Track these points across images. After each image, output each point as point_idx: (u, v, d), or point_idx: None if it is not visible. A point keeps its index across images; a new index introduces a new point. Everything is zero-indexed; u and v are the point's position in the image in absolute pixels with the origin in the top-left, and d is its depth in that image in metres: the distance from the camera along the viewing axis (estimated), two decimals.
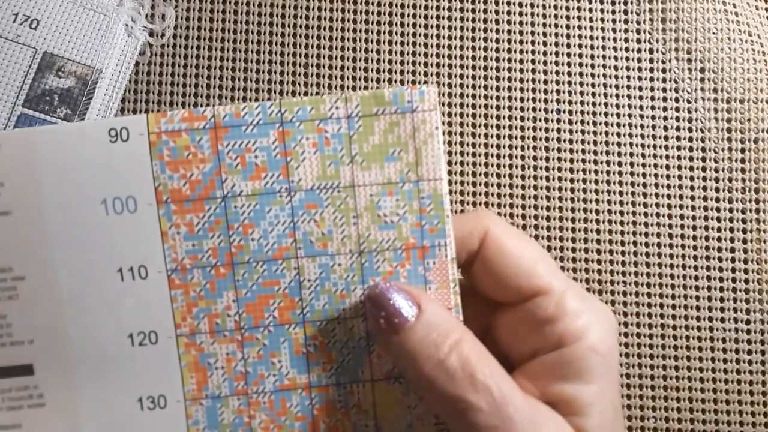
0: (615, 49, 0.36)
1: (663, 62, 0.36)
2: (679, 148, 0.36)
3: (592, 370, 0.24)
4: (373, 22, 0.36)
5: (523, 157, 0.36)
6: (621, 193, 0.36)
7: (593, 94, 0.36)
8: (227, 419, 0.26)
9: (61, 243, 0.25)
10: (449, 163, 0.36)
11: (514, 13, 0.37)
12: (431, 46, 0.36)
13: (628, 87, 0.36)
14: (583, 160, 0.36)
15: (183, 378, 0.26)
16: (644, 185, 0.36)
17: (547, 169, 0.36)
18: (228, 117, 0.25)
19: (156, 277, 0.26)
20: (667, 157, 0.36)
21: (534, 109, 0.36)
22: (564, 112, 0.36)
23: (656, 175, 0.36)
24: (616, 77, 0.36)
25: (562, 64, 0.36)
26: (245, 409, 0.26)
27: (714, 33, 0.36)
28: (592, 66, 0.36)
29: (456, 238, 0.26)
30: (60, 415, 0.26)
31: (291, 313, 0.26)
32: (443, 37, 0.36)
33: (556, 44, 0.36)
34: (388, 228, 0.26)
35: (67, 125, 0.25)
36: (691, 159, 0.36)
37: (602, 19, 0.37)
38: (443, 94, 0.36)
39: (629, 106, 0.36)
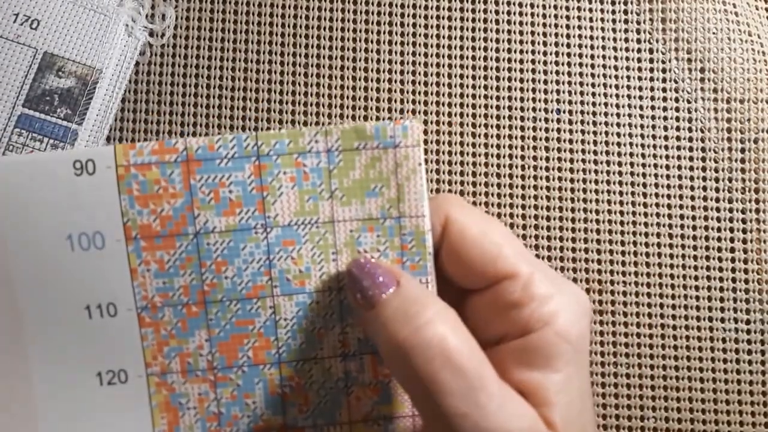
0: (615, 49, 0.36)
1: (663, 62, 0.36)
2: (679, 148, 0.36)
3: (559, 356, 0.23)
4: (373, 22, 0.36)
5: (523, 157, 0.36)
6: (621, 193, 0.36)
7: (593, 94, 0.36)
8: None
9: (25, 278, 0.24)
10: (449, 162, 0.36)
11: (514, 13, 0.37)
12: (431, 46, 0.36)
13: (628, 87, 0.36)
14: (583, 160, 0.36)
15: (153, 418, 0.25)
16: (644, 185, 0.36)
17: (547, 169, 0.36)
18: (201, 150, 0.24)
19: (125, 314, 0.25)
20: (667, 157, 0.36)
21: (534, 109, 0.36)
22: (564, 112, 0.36)
23: (656, 175, 0.36)
24: (616, 77, 0.36)
25: (562, 64, 0.36)
26: None
27: (714, 33, 0.36)
28: (592, 66, 0.36)
29: None
30: None
31: (266, 353, 0.25)
32: (443, 37, 0.36)
33: (556, 44, 0.36)
34: None
35: (28, 156, 0.24)
36: (691, 159, 0.36)
37: (602, 19, 0.37)
38: (443, 94, 0.36)
39: (629, 106, 0.36)
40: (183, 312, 0.25)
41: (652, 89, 0.36)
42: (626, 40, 0.36)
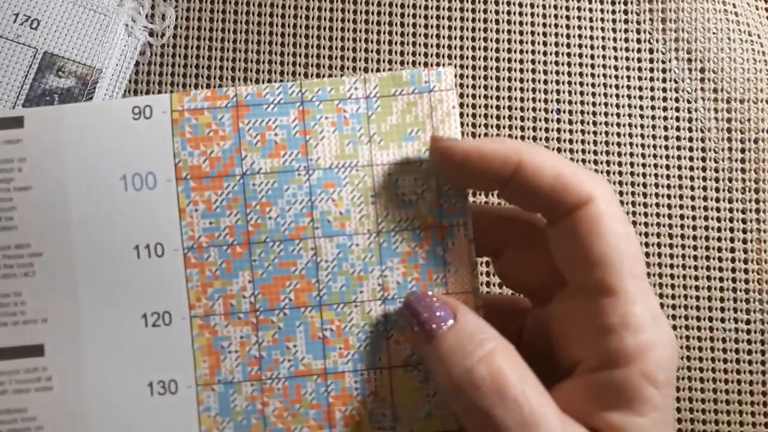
0: (615, 49, 0.36)
1: (663, 62, 0.36)
2: (679, 148, 0.36)
3: (644, 401, 0.21)
4: (373, 22, 0.36)
5: None
6: (621, 193, 0.36)
7: (593, 94, 0.36)
8: (240, 406, 0.25)
9: (80, 219, 0.25)
10: None
11: (514, 13, 0.37)
12: (431, 46, 0.36)
13: (628, 87, 0.36)
14: (583, 160, 0.36)
15: (195, 362, 0.25)
16: (644, 185, 0.36)
17: None
18: (250, 96, 0.26)
19: (172, 255, 0.25)
20: (667, 157, 0.36)
21: (534, 109, 0.36)
22: (564, 112, 0.36)
23: (656, 175, 0.36)
24: (616, 77, 0.36)
25: (562, 64, 0.36)
26: (258, 395, 0.25)
27: (714, 33, 0.36)
28: (592, 66, 0.36)
29: (548, 184, 0.23)
30: (68, 400, 0.25)
31: (307, 295, 0.25)
32: (443, 38, 0.36)
33: (556, 44, 0.36)
34: (406, 207, 0.26)
35: (91, 103, 0.26)
36: (691, 159, 0.36)
37: (602, 19, 0.37)
38: None
39: (629, 106, 0.36)
40: (228, 252, 0.25)
41: (652, 89, 0.36)
42: (626, 40, 0.36)
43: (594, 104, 0.36)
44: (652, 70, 0.36)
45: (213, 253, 0.25)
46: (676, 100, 0.36)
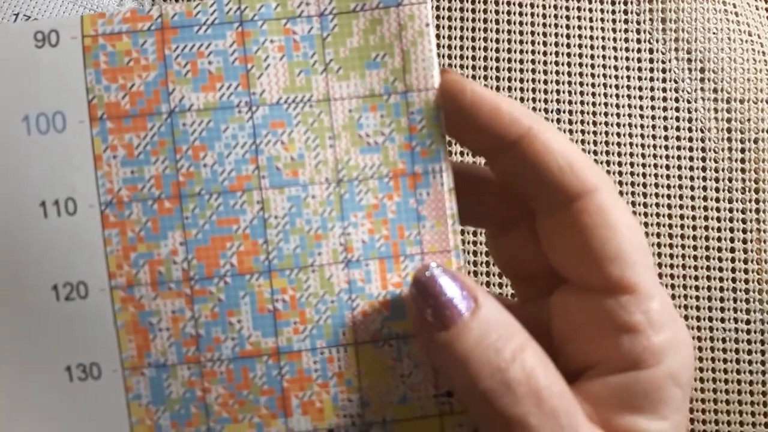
0: (615, 49, 0.36)
1: (663, 62, 0.36)
2: (679, 148, 0.36)
3: (669, 403, 0.20)
4: None
5: None
6: (621, 193, 0.36)
7: (593, 94, 0.36)
8: (176, 393, 0.21)
9: None
10: None
11: (514, 13, 0.37)
12: None
13: (628, 87, 0.36)
14: None
15: (120, 341, 0.21)
16: (644, 185, 0.36)
17: None
18: (178, 16, 0.21)
19: (86, 212, 0.21)
20: (667, 157, 0.36)
21: (534, 109, 0.36)
22: (564, 112, 0.36)
23: (656, 175, 0.36)
24: (616, 77, 0.36)
25: (562, 64, 0.36)
26: (198, 380, 0.21)
27: (714, 33, 0.36)
28: (592, 66, 0.36)
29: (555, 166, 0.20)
30: None
31: (253, 259, 0.21)
32: (443, 37, 0.36)
33: (556, 44, 0.36)
34: (371, 151, 0.21)
35: None
36: (691, 159, 0.36)
37: (602, 19, 0.37)
38: None
39: (629, 106, 0.36)
40: (154, 208, 0.21)
41: (652, 89, 0.36)
42: (626, 40, 0.36)
43: (594, 104, 0.36)
44: (652, 70, 0.36)
45: (136, 210, 0.21)
46: (676, 100, 0.36)
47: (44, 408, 0.21)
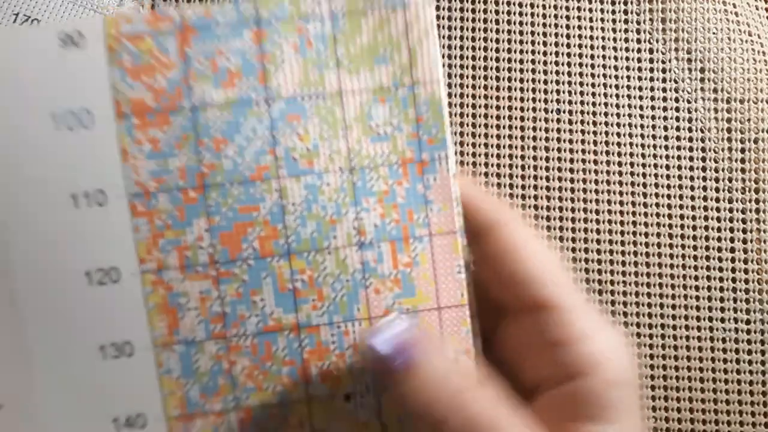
0: (615, 49, 0.36)
1: (663, 62, 0.36)
2: (679, 148, 0.36)
3: (612, 406, 0.21)
4: None
5: (523, 157, 0.36)
6: (621, 193, 0.36)
7: (593, 94, 0.36)
8: (204, 366, 0.23)
9: (5, 165, 0.22)
10: None
11: (514, 13, 0.37)
12: None
13: (628, 87, 0.36)
14: (583, 160, 0.36)
15: (151, 321, 0.23)
16: (644, 185, 0.36)
17: (547, 169, 0.36)
18: (197, 17, 0.22)
19: (115, 203, 0.22)
20: (667, 157, 0.36)
21: (534, 109, 0.36)
22: (564, 112, 0.36)
23: (656, 175, 0.36)
24: (616, 77, 0.36)
25: (562, 64, 0.36)
26: (224, 354, 0.23)
27: (714, 33, 0.36)
28: (592, 66, 0.36)
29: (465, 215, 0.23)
30: (11, 365, 0.22)
31: (273, 243, 0.23)
32: (443, 37, 0.36)
33: (556, 44, 0.36)
34: (381, 140, 0.23)
35: (9, 27, 0.22)
36: (691, 159, 0.36)
37: (602, 19, 0.37)
38: None
39: (629, 106, 0.36)
40: (179, 197, 0.23)
41: (652, 89, 0.36)
42: (626, 40, 0.36)
43: (594, 104, 0.36)
44: (652, 70, 0.36)
45: (163, 199, 0.23)
46: (676, 100, 0.36)
47: (80, 385, 0.23)
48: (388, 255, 0.23)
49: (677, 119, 0.36)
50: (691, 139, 0.36)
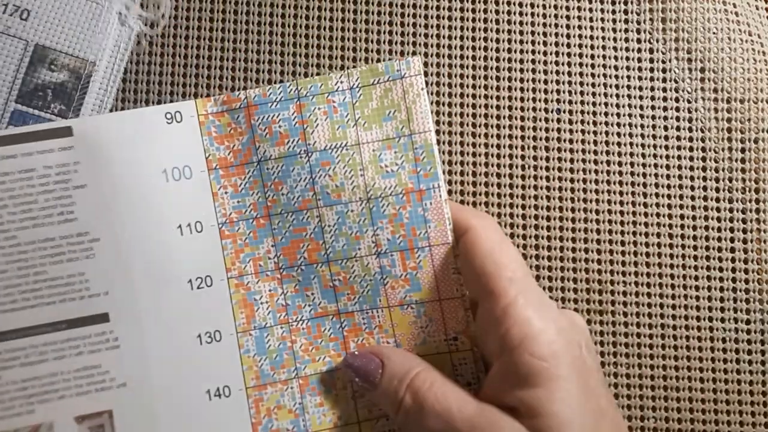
0: (615, 49, 0.36)
1: (663, 62, 0.37)
2: (679, 148, 0.36)
3: (535, 374, 0.26)
4: (373, 22, 0.36)
5: (523, 157, 0.36)
6: (621, 193, 0.36)
7: (593, 94, 0.36)
8: (273, 345, 0.31)
9: (129, 207, 0.30)
10: (449, 163, 0.36)
11: (514, 13, 0.37)
12: (432, 47, 0.36)
13: (628, 87, 0.36)
14: (583, 160, 0.36)
15: (234, 314, 0.31)
16: (644, 185, 0.36)
17: (547, 169, 0.36)
18: (257, 97, 0.31)
19: (210, 230, 0.31)
20: (667, 157, 0.36)
21: (534, 109, 0.36)
22: (564, 111, 0.36)
23: (656, 175, 0.36)
24: (616, 77, 0.36)
25: (562, 64, 0.36)
26: (287, 335, 0.31)
27: (714, 33, 0.37)
28: (592, 66, 0.36)
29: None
30: (133, 355, 0.30)
31: (317, 254, 0.31)
32: (443, 38, 0.36)
33: (556, 44, 0.36)
34: (389, 176, 0.31)
35: (127, 112, 0.31)
36: (691, 159, 0.36)
37: (602, 19, 0.37)
38: (443, 94, 0.36)
39: (629, 106, 0.36)
40: (253, 224, 0.31)
41: (652, 89, 0.36)
42: (626, 40, 0.37)
43: (594, 104, 0.36)
44: (652, 70, 0.37)
45: (242, 226, 0.31)
46: (676, 100, 0.36)
47: (182, 365, 0.30)
48: (399, 261, 0.31)
49: (677, 119, 0.36)
50: (691, 139, 0.36)
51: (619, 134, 0.36)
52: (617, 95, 0.36)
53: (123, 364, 0.30)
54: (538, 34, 0.36)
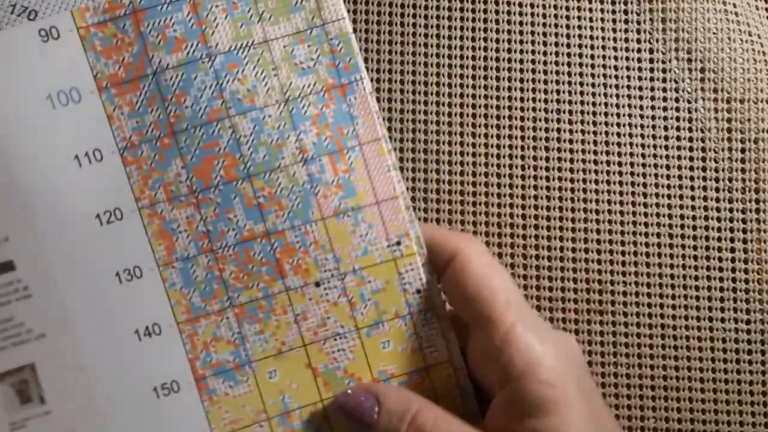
0: (615, 49, 0.36)
1: (663, 62, 0.37)
2: (679, 148, 0.36)
3: (546, 401, 0.25)
4: (373, 22, 0.36)
5: (523, 157, 0.36)
6: (621, 193, 0.36)
7: (593, 94, 0.36)
8: (200, 276, 0.28)
9: (15, 143, 0.27)
10: (449, 162, 0.36)
11: (514, 13, 0.37)
12: (431, 46, 0.36)
13: (628, 87, 0.36)
14: (583, 160, 0.36)
15: (153, 246, 0.28)
16: (644, 185, 0.36)
17: (547, 169, 0.36)
18: (143, 0, 0.28)
19: (110, 157, 0.28)
20: (667, 157, 0.36)
21: (534, 109, 0.36)
22: (564, 111, 0.36)
23: (656, 175, 0.36)
24: (616, 77, 0.36)
25: (562, 64, 0.36)
26: (214, 264, 0.28)
27: (714, 33, 0.37)
28: (592, 66, 0.36)
29: (427, 247, 0.28)
30: (47, 301, 0.28)
31: (235, 169, 0.28)
32: (443, 37, 0.36)
33: (556, 44, 0.36)
34: (306, 73, 0.28)
35: None
36: (691, 159, 0.36)
37: (602, 19, 0.37)
38: (443, 94, 0.36)
39: (629, 106, 0.36)
40: (158, 145, 0.28)
41: (652, 89, 0.36)
42: (626, 40, 0.37)
43: (594, 104, 0.36)
44: (652, 70, 0.36)
45: (145, 149, 0.28)
46: (676, 100, 0.36)
47: (103, 308, 0.28)
48: (329, 165, 0.28)
49: (677, 119, 0.36)
50: (691, 139, 0.36)
51: (619, 134, 0.36)
52: (617, 95, 0.36)
53: (38, 313, 0.28)
54: (538, 34, 0.36)
